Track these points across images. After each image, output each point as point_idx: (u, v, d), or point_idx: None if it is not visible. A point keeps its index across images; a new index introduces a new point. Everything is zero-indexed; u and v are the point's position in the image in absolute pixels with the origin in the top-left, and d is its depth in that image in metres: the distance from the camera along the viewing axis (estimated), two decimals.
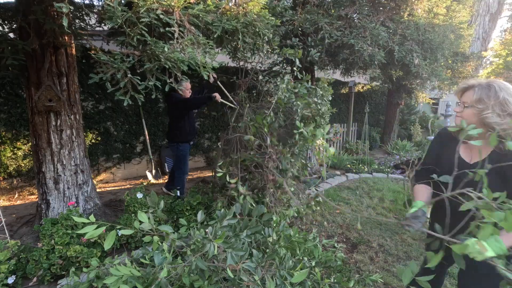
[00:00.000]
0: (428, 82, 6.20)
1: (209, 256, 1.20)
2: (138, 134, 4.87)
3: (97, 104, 4.36)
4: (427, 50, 4.53)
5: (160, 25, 1.79)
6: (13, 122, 3.74)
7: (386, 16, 4.09)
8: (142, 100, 1.87)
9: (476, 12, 11.71)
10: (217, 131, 5.89)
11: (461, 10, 5.46)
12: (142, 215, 1.26)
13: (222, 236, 1.22)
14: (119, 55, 1.74)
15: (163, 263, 1.23)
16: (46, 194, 2.73)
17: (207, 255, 1.24)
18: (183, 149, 3.46)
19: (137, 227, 1.26)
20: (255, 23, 2.26)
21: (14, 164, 3.87)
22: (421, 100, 8.38)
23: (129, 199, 2.76)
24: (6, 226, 2.55)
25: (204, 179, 4.79)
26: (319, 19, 3.54)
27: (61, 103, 2.59)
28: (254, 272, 1.21)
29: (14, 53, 2.21)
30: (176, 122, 3.40)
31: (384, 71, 5.20)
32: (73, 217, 1.38)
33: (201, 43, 1.91)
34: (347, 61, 4.09)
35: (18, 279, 2.06)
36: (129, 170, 4.99)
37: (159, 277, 1.11)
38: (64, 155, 2.73)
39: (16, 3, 2.42)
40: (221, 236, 1.22)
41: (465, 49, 7.05)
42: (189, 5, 1.91)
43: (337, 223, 3.32)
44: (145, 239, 1.37)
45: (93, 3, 3.05)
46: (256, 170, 2.33)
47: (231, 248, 1.24)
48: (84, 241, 2.32)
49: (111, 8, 1.62)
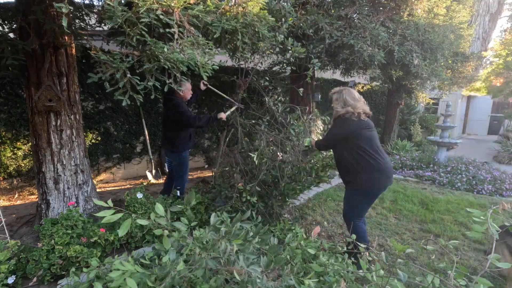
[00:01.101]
0: (428, 82, 6.20)
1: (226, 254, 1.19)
2: (138, 134, 4.87)
3: (97, 104, 4.36)
4: (427, 50, 4.53)
5: (160, 26, 1.79)
6: (13, 122, 3.75)
7: (386, 16, 4.09)
8: (141, 100, 1.87)
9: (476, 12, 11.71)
10: (217, 131, 5.89)
11: (461, 10, 5.46)
12: (159, 207, 1.26)
13: (242, 237, 1.22)
14: (119, 55, 1.74)
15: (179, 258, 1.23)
16: (46, 194, 2.73)
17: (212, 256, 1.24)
18: (185, 156, 3.28)
19: (152, 218, 1.25)
20: (254, 23, 2.27)
21: (14, 164, 3.87)
22: (421, 100, 8.38)
23: (129, 199, 2.76)
24: (6, 226, 2.55)
25: (204, 179, 4.80)
26: (319, 19, 3.55)
27: (61, 103, 2.59)
28: (259, 276, 1.20)
29: (14, 53, 2.21)
30: (179, 128, 3.14)
31: (384, 71, 5.20)
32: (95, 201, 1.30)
33: (201, 43, 1.91)
34: (347, 61, 4.10)
35: (18, 279, 2.06)
36: (129, 170, 4.99)
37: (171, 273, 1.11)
38: (64, 155, 2.73)
39: (16, 3, 2.42)
40: (241, 236, 1.22)
41: (465, 49, 7.05)
42: (189, 6, 1.91)
43: (337, 223, 3.32)
44: (157, 232, 1.34)
45: (93, 3, 3.05)
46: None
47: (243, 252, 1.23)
48: (84, 241, 2.33)
49: (111, 8, 1.62)
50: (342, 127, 2.28)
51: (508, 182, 5.03)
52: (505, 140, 9.10)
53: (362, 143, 2.18)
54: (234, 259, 1.24)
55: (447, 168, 5.65)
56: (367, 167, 2.17)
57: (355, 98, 2.30)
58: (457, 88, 8.24)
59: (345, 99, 2.29)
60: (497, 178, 5.16)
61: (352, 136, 2.20)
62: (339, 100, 2.34)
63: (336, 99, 2.36)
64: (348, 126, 2.23)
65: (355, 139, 2.19)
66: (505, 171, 5.66)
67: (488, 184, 4.92)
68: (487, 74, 11.24)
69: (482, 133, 15.76)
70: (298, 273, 1.36)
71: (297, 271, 1.36)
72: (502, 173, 5.52)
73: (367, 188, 2.22)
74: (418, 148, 8.27)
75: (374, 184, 2.19)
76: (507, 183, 4.96)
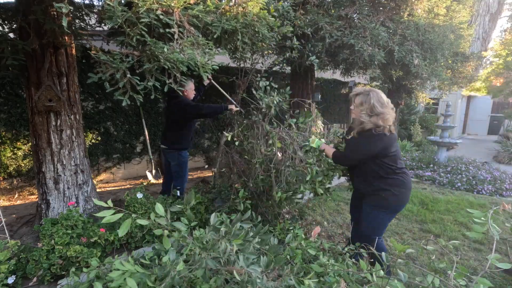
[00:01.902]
0: (428, 82, 6.20)
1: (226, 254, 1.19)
2: (138, 134, 4.87)
3: (97, 104, 4.36)
4: (427, 50, 4.53)
5: (159, 26, 1.79)
6: (13, 122, 3.75)
7: (386, 16, 4.09)
8: (141, 101, 1.86)
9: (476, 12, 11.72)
10: (217, 131, 5.89)
11: (461, 10, 5.46)
12: (159, 207, 1.26)
13: (242, 237, 1.21)
14: (119, 55, 1.74)
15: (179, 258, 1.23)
16: (46, 194, 2.73)
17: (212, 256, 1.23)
18: (185, 156, 3.24)
19: (152, 218, 1.25)
20: (254, 23, 2.26)
21: (14, 164, 3.87)
22: (421, 100, 8.38)
23: (129, 199, 2.76)
24: (6, 226, 2.55)
25: (204, 179, 4.80)
26: (319, 19, 3.55)
27: (61, 103, 2.59)
28: (259, 276, 1.20)
29: (14, 53, 2.21)
30: (179, 128, 3.10)
31: (384, 71, 5.20)
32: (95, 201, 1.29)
33: (201, 43, 1.91)
34: (347, 61, 4.10)
35: (18, 279, 2.06)
36: (129, 170, 4.99)
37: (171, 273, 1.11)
38: (64, 155, 2.73)
39: (16, 3, 2.42)
40: (241, 236, 1.21)
41: (465, 49, 7.05)
42: (189, 6, 1.91)
43: (337, 223, 3.32)
44: (156, 232, 1.33)
45: (93, 3, 3.04)
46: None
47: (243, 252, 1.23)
48: (84, 241, 2.33)
49: (111, 8, 1.62)
50: (372, 143, 1.89)
51: (508, 182, 5.04)
52: (505, 140, 9.11)
53: (391, 160, 1.92)
54: (234, 259, 1.24)
55: (447, 168, 5.65)
56: (395, 184, 1.93)
57: (384, 104, 1.87)
58: (457, 88, 8.23)
59: (373, 105, 1.85)
60: (497, 178, 5.16)
61: (382, 153, 1.91)
62: (364, 105, 1.88)
63: (361, 104, 1.90)
64: (380, 143, 1.88)
65: (384, 157, 1.92)
66: (505, 171, 5.66)
67: (488, 184, 4.92)
68: (487, 74, 11.23)
69: (482, 133, 15.77)
70: (298, 273, 1.36)
71: (297, 271, 1.36)
72: (502, 173, 5.52)
73: (396, 206, 1.98)
74: (418, 148, 8.27)
75: (403, 201, 1.98)
76: (507, 183, 4.97)
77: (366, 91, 1.91)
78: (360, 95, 1.92)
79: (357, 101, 1.93)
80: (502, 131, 12.86)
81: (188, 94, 3.13)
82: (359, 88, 1.99)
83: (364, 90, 1.93)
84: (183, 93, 2.99)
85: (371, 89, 1.91)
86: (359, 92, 1.94)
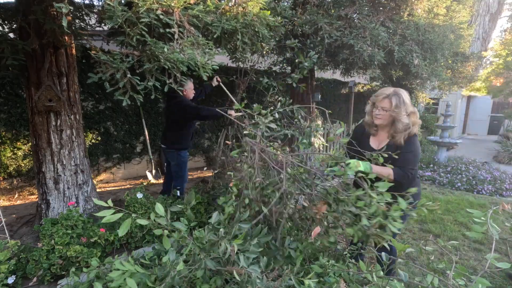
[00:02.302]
0: (428, 82, 6.19)
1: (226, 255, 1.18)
2: (138, 134, 4.87)
3: (97, 104, 4.36)
4: (427, 50, 4.52)
5: (160, 26, 1.79)
6: (13, 122, 3.74)
7: (386, 16, 4.09)
8: (141, 101, 1.87)
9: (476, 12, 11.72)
10: (217, 131, 5.89)
11: (461, 10, 5.45)
12: (159, 207, 1.26)
13: (242, 237, 1.21)
14: (119, 55, 1.74)
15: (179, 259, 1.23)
16: (46, 194, 2.73)
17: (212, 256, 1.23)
18: (184, 156, 3.23)
19: (152, 218, 1.25)
20: (254, 23, 2.26)
21: (14, 164, 3.87)
22: (421, 100, 8.37)
23: (129, 199, 2.76)
24: (6, 226, 2.55)
25: (204, 179, 4.79)
26: (318, 19, 3.54)
27: (61, 103, 2.59)
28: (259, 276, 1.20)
29: (14, 53, 2.21)
30: (179, 128, 3.10)
31: (384, 71, 5.20)
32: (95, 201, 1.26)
33: (201, 43, 1.91)
34: (347, 61, 4.09)
35: (18, 279, 2.06)
36: (129, 170, 4.99)
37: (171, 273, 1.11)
38: (64, 155, 2.73)
39: (16, 3, 2.42)
40: (241, 236, 1.21)
41: (465, 49, 7.04)
42: (189, 6, 1.91)
43: None
44: (156, 232, 1.33)
45: (93, 3, 3.04)
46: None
47: (243, 252, 1.23)
48: (84, 241, 2.33)
49: (111, 8, 1.62)
50: (418, 145, 1.79)
51: (508, 182, 5.04)
52: (505, 140, 9.11)
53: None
54: (234, 259, 1.24)
55: (447, 168, 5.65)
56: (416, 184, 1.87)
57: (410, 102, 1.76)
58: (457, 88, 8.23)
59: (407, 103, 1.69)
60: (497, 178, 5.16)
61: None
62: (400, 105, 1.67)
63: (397, 106, 1.68)
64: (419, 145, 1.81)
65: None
66: (505, 171, 5.66)
67: (488, 184, 4.92)
68: (487, 74, 11.23)
69: (482, 133, 15.76)
70: (298, 273, 1.36)
71: (297, 271, 1.36)
72: (502, 173, 5.52)
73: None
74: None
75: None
76: (507, 183, 4.97)
77: (395, 91, 1.71)
78: (392, 97, 1.68)
79: (393, 103, 1.67)
80: (502, 131, 12.86)
81: (188, 94, 3.13)
82: (383, 90, 1.75)
83: (391, 90, 1.72)
84: (183, 92, 3.00)
85: (396, 89, 1.74)
86: (388, 94, 1.71)
